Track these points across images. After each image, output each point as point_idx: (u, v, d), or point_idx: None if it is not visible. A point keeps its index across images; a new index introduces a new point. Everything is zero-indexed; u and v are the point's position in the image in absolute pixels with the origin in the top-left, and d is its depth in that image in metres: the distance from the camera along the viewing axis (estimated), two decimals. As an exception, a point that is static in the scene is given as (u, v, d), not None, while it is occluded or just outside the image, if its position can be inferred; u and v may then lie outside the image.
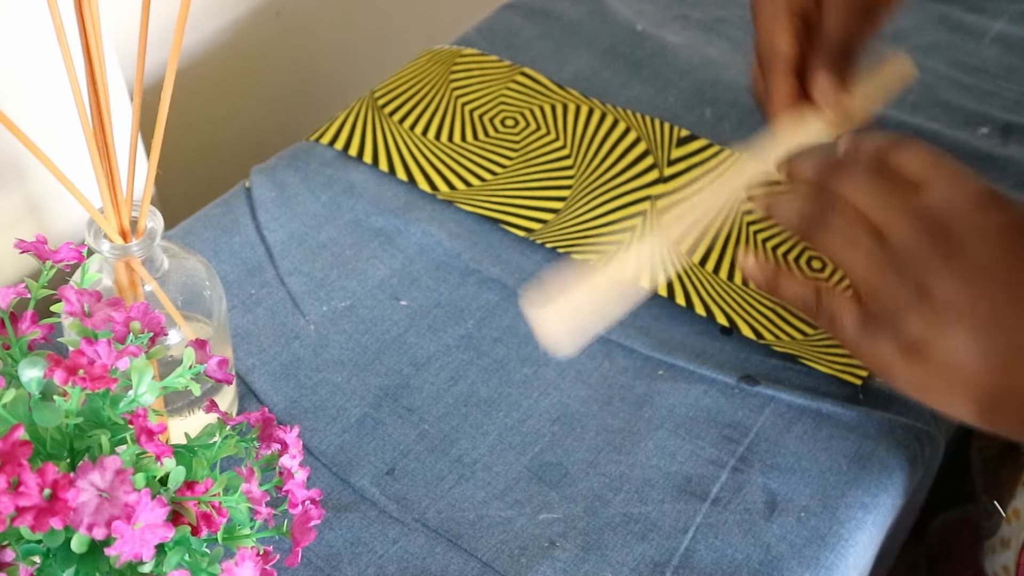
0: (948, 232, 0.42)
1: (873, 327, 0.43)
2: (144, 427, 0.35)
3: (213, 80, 0.89)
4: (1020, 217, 0.43)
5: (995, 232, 0.43)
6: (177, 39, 0.40)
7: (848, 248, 0.44)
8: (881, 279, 0.43)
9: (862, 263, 0.44)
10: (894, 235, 0.43)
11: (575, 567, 0.51)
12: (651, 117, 0.75)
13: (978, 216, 0.43)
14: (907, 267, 0.43)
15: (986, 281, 0.42)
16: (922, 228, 0.43)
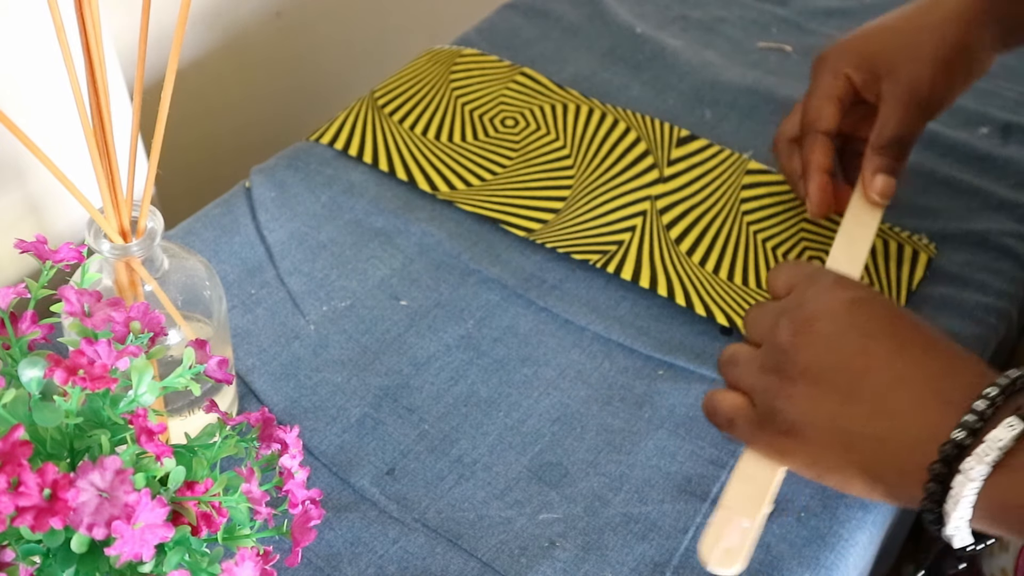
0: (799, 317, 0.46)
1: (761, 423, 0.47)
2: (144, 427, 0.35)
3: (213, 80, 0.89)
4: (865, 293, 0.47)
5: (840, 306, 0.46)
6: (177, 39, 0.40)
7: (731, 368, 0.49)
8: (756, 378, 0.47)
9: (740, 372, 0.48)
10: (763, 339, 0.48)
11: (575, 567, 0.51)
12: (651, 117, 0.75)
13: (826, 297, 0.47)
14: (772, 358, 0.46)
15: (836, 350, 0.45)
16: (778, 322, 0.47)
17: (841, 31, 0.85)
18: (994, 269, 0.66)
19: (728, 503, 0.47)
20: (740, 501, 0.47)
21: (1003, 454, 0.39)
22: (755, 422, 0.47)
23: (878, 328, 0.45)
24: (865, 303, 0.46)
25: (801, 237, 0.67)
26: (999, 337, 0.64)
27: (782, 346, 0.46)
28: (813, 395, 0.44)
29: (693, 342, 0.61)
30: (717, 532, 0.46)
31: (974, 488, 0.39)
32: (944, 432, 0.40)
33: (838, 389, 0.44)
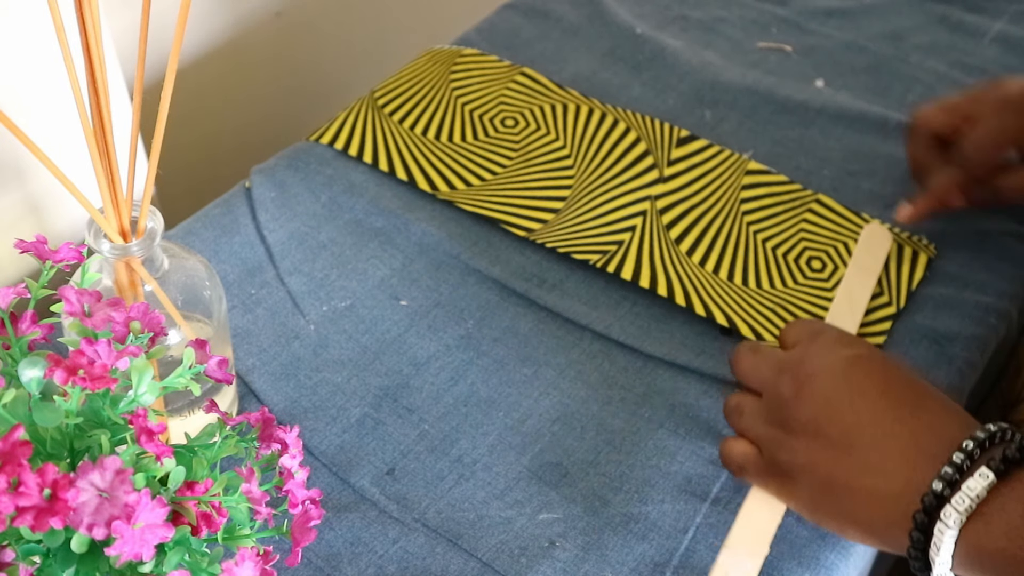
0: (799, 373, 0.50)
1: (767, 471, 0.51)
2: (144, 427, 0.35)
3: (213, 80, 0.89)
4: (862, 351, 0.50)
5: (839, 364, 0.49)
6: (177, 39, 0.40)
7: (738, 418, 0.53)
8: (760, 429, 0.51)
9: (749, 423, 0.52)
10: (764, 391, 0.52)
11: (575, 567, 0.51)
12: (651, 117, 0.75)
13: (825, 354, 0.50)
14: (774, 411, 0.50)
15: (832, 407, 0.48)
16: (780, 376, 0.51)
17: (841, 31, 0.85)
18: (994, 269, 0.66)
19: (732, 544, 0.51)
20: (744, 543, 0.51)
21: (977, 503, 0.42)
22: (763, 469, 0.51)
23: (871, 386, 0.49)
24: (862, 361, 0.50)
25: (801, 237, 0.67)
26: (999, 337, 0.64)
27: (784, 400, 0.50)
28: (811, 448, 0.48)
29: (693, 342, 0.61)
30: (723, 571, 0.50)
31: (952, 536, 0.42)
32: (926, 484, 0.44)
33: (833, 443, 0.48)
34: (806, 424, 0.48)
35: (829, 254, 0.66)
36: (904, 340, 0.62)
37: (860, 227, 0.68)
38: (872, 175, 0.73)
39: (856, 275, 0.64)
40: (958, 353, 0.62)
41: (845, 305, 0.63)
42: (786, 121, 0.76)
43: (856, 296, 0.63)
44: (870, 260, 0.65)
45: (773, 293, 0.64)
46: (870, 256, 0.65)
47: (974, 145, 0.65)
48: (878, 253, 0.66)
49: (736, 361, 0.54)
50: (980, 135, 0.65)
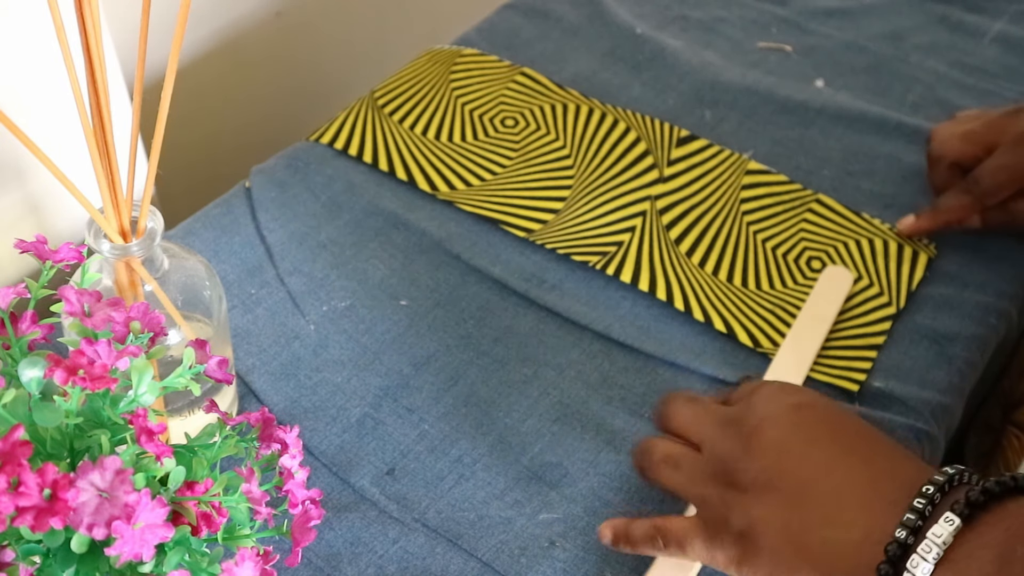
0: (745, 426, 0.47)
1: (714, 537, 0.46)
2: (144, 427, 0.35)
3: (213, 80, 0.89)
4: (807, 398, 0.48)
5: (783, 413, 0.47)
6: (177, 39, 0.40)
7: (672, 472, 0.49)
8: (704, 489, 0.47)
9: (686, 480, 0.48)
10: (705, 445, 0.48)
11: (575, 567, 0.51)
12: (651, 117, 0.75)
13: (769, 404, 0.48)
14: (720, 468, 0.47)
15: (784, 458, 0.46)
16: (726, 433, 0.48)
17: (841, 31, 0.85)
18: (994, 269, 0.66)
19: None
20: None
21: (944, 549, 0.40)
22: (707, 536, 0.47)
23: (821, 434, 0.46)
24: (807, 408, 0.47)
25: (801, 238, 0.67)
26: (999, 337, 0.64)
27: (730, 456, 0.47)
28: (763, 503, 0.45)
29: (693, 342, 0.61)
30: None
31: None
32: (888, 533, 0.41)
33: (787, 496, 0.45)
34: (756, 479, 0.45)
35: (829, 254, 0.66)
36: (904, 340, 0.62)
37: (860, 227, 0.68)
38: (872, 175, 0.73)
39: (808, 322, 0.62)
40: (958, 353, 0.62)
41: (791, 354, 0.60)
42: (786, 121, 0.76)
43: (804, 345, 0.60)
44: (825, 306, 0.62)
45: (772, 294, 0.64)
46: (826, 301, 0.63)
47: (991, 178, 0.65)
48: (835, 297, 0.63)
49: (670, 412, 0.51)
50: (997, 168, 0.65)
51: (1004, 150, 0.65)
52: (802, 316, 0.62)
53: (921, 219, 0.67)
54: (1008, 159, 0.65)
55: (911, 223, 0.67)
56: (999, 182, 0.65)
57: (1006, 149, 0.65)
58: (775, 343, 0.61)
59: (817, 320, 0.61)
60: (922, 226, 0.67)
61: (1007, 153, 0.65)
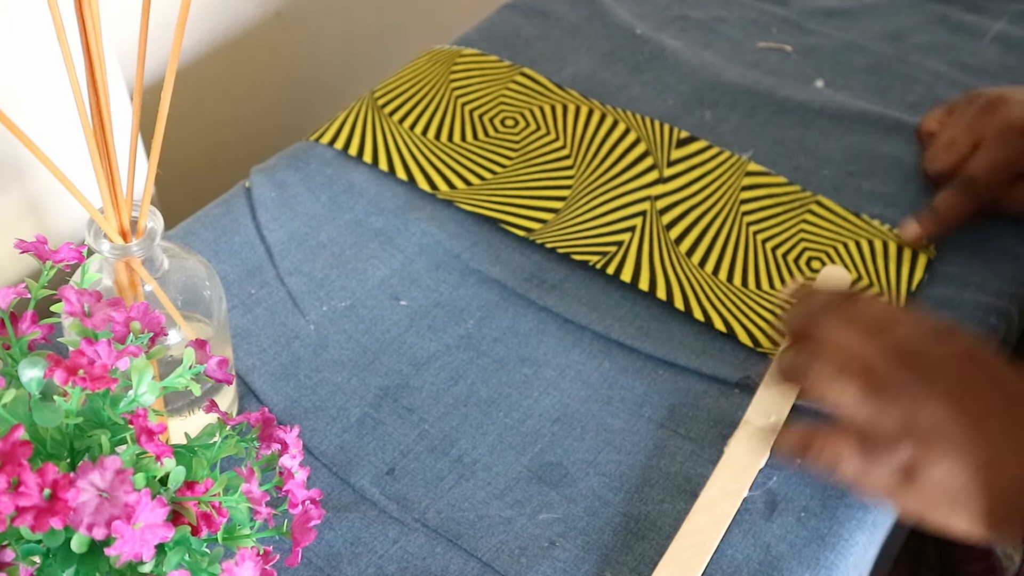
0: (919, 364, 0.48)
1: (871, 459, 0.48)
2: (144, 427, 0.35)
3: (213, 80, 0.89)
4: (972, 345, 0.49)
5: (955, 361, 0.48)
6: (177, 39, 0.40)
7: (835, 388, 0.49)
8: (870, 413, 0.48)
9: (850, 400, 0.48)
10: (875, 371, 0.48)
11: (575, 567, 0.51)
12: (651, 118, 0.75)
13: (940, 348, 0.49)
14: (891, 399, 0.48)
15: (958, 406, 0.47)
16: (897, 363, 0.48)
17: (841, 31, 0.85)
18: (994, 269, 0.66)
19: None
20: None
21: None
22: (867, 457, 0.48)
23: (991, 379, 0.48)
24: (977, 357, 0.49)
25: (801, 238, 0.67)
26: (999, 337, 0.64)
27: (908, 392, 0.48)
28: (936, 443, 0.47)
29: (693, 342, 0.61)
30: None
31: None
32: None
33: (961, 436, 0.46)
34: (931, 419, 0.47)
35: (829, 255, 0.66)
36: (904, 340, 0.62)
37: (859, 228, 0.68)
38: (872, 175, 0.73)
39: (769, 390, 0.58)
40: (958, 353, 0.62)
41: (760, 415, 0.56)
42: (786, 121, 0.76)
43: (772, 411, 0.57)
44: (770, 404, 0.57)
45: (773, 294, 0.64)
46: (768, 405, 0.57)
47: (986, 174, 0.66)
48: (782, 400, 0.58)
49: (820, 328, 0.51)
50: (987, 166, 0.66)
51: (990, 145, 0.67)
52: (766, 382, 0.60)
53: (924, 224, 0.67)
54: (998, 153, 0.66)
55: (915, 231, 0.67)
56: (997, 176, 0.66)
57: (992, 144, 0.67)
58: (775, 343, 0.61)
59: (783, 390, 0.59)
60: (927, 231, 0.67)
61: (995, 148, 0.66)
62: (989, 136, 0.67)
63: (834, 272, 0.65)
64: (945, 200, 0.67)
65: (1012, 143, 0.66)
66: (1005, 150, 0.66)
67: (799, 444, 0.50)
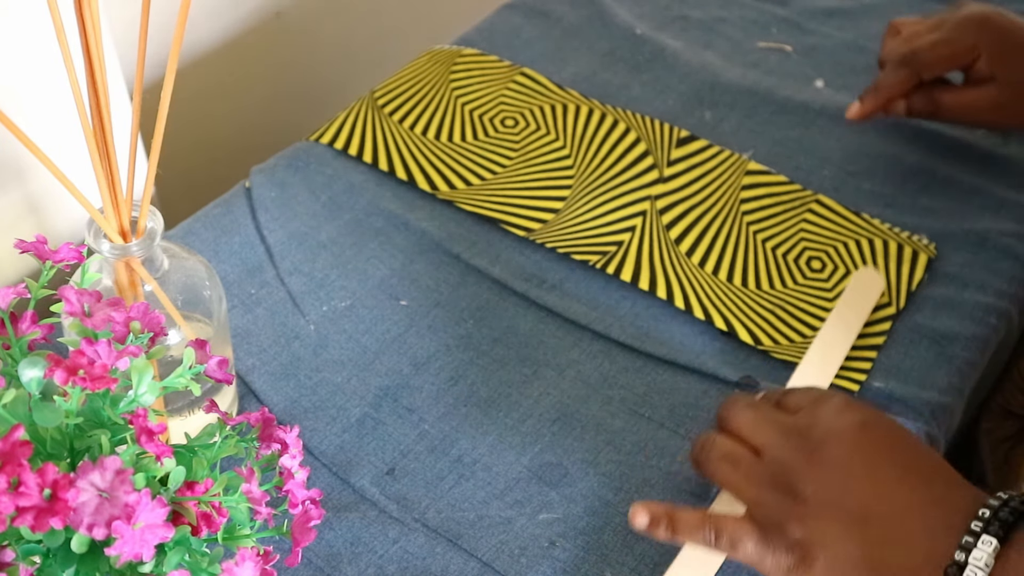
0: (810, 439, 0.48)
1: (767, 541, 0.47)
2: (144, 427, 0.35)
3: (213, 80, 0.89)
4: (871, 417, 0.49)
5: (849, 431, 0.48)
6: (177, 39, 0.40)
7: (731, 471, 0.49)
8: (762, 492, 0.48)
9: (743, 481, 0.49)
10: (766, 451, 0.49)
11: (575, 567, 0.51)
12: (651, 117, 0.75)
13: (835, 420, 0.48)
14: (781, 476, 0.47)
15: (847, 477, 0.46)
16: (788, 441, 0.48)
17: (841, 31, 0.85)
18: (994, 269, 0.66)
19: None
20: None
21: (988, 571, 0.42)
22: (760, 539, 0.47)
23: (884, 454, 0.47)
24: (872, 427, 0.48)
25: (801, 238, 0.67)
26: (999, 337, 0.64)
27: (793, 466, 0.47)
28: (823, 518, 0.46)
29: (693, 342, 0.61)
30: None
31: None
32: (948, 556, 0.43)
33: (848, 514, 0.45)
34: (816, 492, 0.46)
35: (829, 254, 0.66)
36: (904, 340, 0.62)
37: (860, 227, 0.68)
38: (872, 175, 0.73)
39: (837, 325, 0.61)
40: (958, 353, 0.62)
41: (818, 355, 0.60)
42: (786, 121, 0.76)
43: (832, 349, 0.60)
44: (853, 312, 0.62)
45: (773, 294, 0.64)
46: (854, 307, 0.62)
47: (930, 51, 0.68)
48: (864, 304, 0.63)
49: (731, 413, 0.51)
50: (937, 42, 0.68)
51: (945, 29, 0.68)
52: (831, 320, 0.62)
53: (865, 102, 0.68)
54: (948, 35, 0.68)
55: (856, 109, 0.68)
56: (938, 55, 0.68)
57: (948, 28, 0.68)
58: (775, 341, 0.61)
59: (845, 325, 0.61)
60: (867, 108, 0.68)
61: (948, 31, 0.68)
62: (947, 23, 0.69)
63: (866, 275, 0.65)
64: (885, 76, 0.68)
65: (964, 32, 0.67)
66: (955, 34, 0.67)
67: (696, 526, 0.48)
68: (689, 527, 0.48)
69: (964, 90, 0.69)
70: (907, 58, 0.68)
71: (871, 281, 0.64)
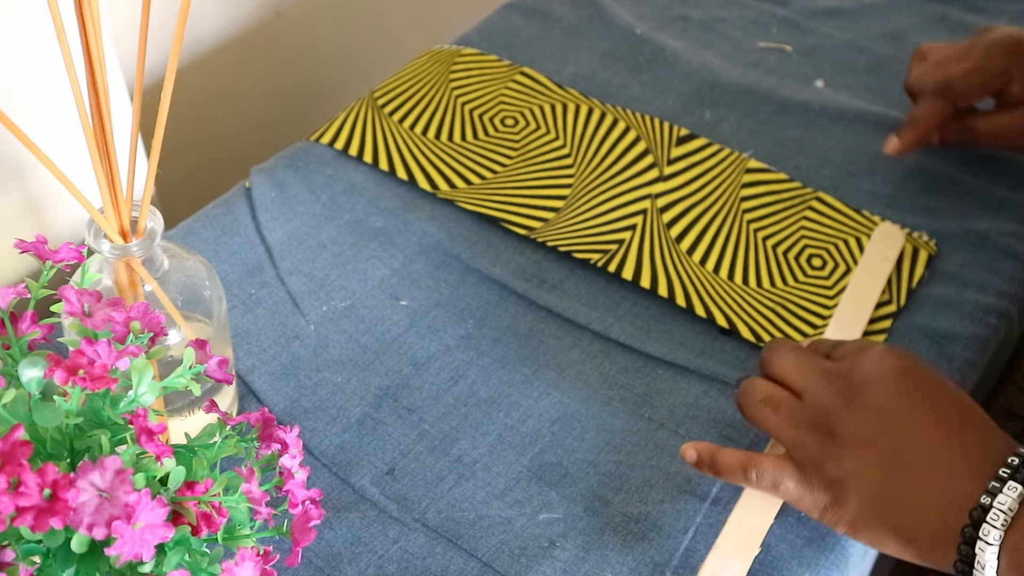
0: (850, 383, 0.49)
1: (806, 480, 0.49)
2: (144, 427, 0.35)
3: (213, 80, 0.89)
4: (910, 363, 0.50)
5: (891, 376, 0.49)
6: (177, 39, 0.40)
7: (771, 413, 0.51)
8: (801, 433, 0.50)
9: (783, 423, 0.50)
10: (807, 394, 0.50)
11: (575, 567, 0.51)
12: (651, 116, 0.75)
13: (876, 365, 0.50)
14: (820, 418, 0.49)
15: (884, 418, 0.48)
16: (829, 385, 0.50)
17: (841, 31, 0.85)
18: (994, 269, 0.66)
19: (722, 544, 0.51)
20: (734, 544, 0.51)
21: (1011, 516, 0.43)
22: (799, 478, 0.49)
23: (922, 399, 0.48)
24: (911, 374, 0.49)
25: (801, 235, 0.67)
26: (999, 337, 0.64)
27: (832, 408, 0.49)
28: (858, 458, 0.47)
29: (693, 342, 0.61)
30: (712, 571, 0.50)
31: (993, 552, 0.43)
32: (974, 499, 0.44)
33: (882, 455, 0.47)
34: (854, 433, 0.48)
35: (830, 251, 0.66)
36: (904, 340, 0.62)
37: (860, 224, 0.68)
38: (872, 175, 0.73)
39: (865, 275, 0.64)
40: (958, 353, 0.62)
41: (851, 305, 0.62)
42: (786, 121, 0.76)
43: (863, 296, 0.63)
44: (880, 261, 0.65)
45: (773, 292, 0.64)
46: (880, 257, 0.65)
47: (963, 79, 0.67)
48: (889, 254, 0.65)
49: (773, 357, 0.53)
50: (969, 71, 0.67)
51: (976, 55, 0.68)
52: (858, 271, 0.64)
53: (904, 136, 0.68)
54: (980, 63, 0.67)
55: (895, 144, 0.68)
56: (971, 84, 0.67)
57: (978, 55, 0.68)
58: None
59: (874, 273, 0.64)
60: (906, 143, 0.67)
61: (979, 58, 0.67)
62: (976, 49, 0.68)
63: (888, 230, 0.67)
64: (921, 109, 0.68)
65: (995, 57, 0.67)
66: (987, 61, 0.67)
67: (739, 467, 0.51)
68: (731, 467, 0.51)
69: (997, 115, 0.69)
70: (941, 88, 0.67)
71: (891, 236, 0.67)
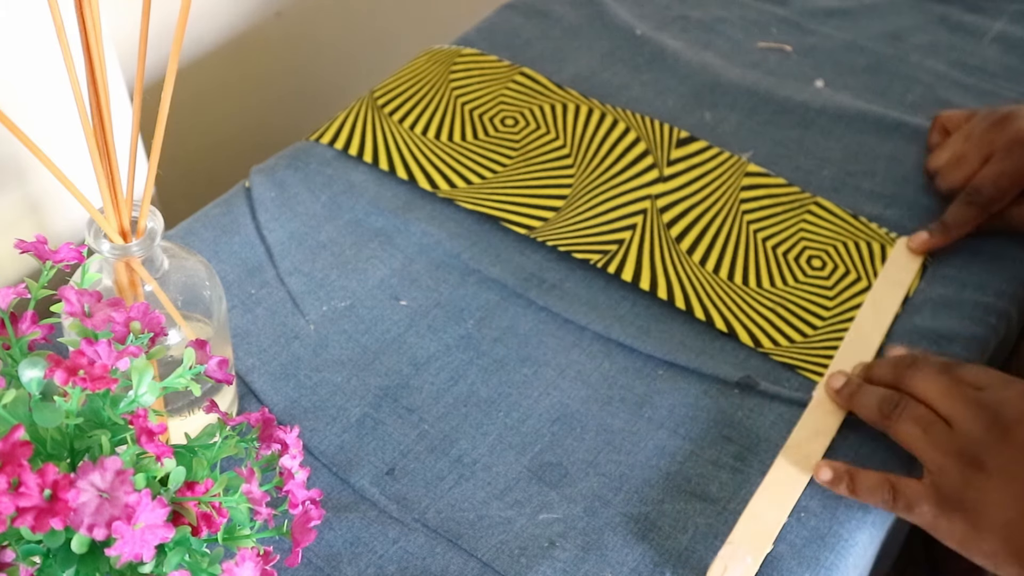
0: (1000, 419, 0.51)
1: (944, 507, 0.51)
2: (144, 427, 0.35)
3: (213, 80, 0.89)
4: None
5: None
6: (177, 39, 0.40)
7: (921, 434, 0.53)
8: (948, 461, 0.51)
9: (931, 446, 0.52)
10: (957, 423, 0.52)
11: (575, 567, 0.51)
12: (650, 118, 0.75)
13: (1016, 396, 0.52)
14: (968, 448, 0.51)
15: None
16: (979, 416, 0.52)
17: (841, 31, 0.85)
18: (994, 269, 0.66)
19: (736, 539, 0.52)
20: (747, 538, 0.52)
21: None
22: (938, 503, 0.51)
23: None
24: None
25: (801, 236, 0.67)
26: (999, 337, 0.64)
27: (983, 441, 0.51)
28: (1005, 491, 0.49)
29: (693, 342, 0.61)
30: (723, 565, 0.51)
31: None
32: None
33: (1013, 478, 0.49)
34: (1006, 468, 0.50)
35: (829, 253, 0.66)
36: (904, 340, 0.62)
37: (858, 230, 0.68)
38: (872, 175, 0.73)
39: (884, 287, 0.64)
40: (958, 353, 0.62)
41: (870, 315, 0.63)
42: (786, 121, 0.76)
43: (882, 307, 0.63)
44: (901, 273, 0.65)
45: (773, 292, 0.64)
46: (901, 269, 0.65)
47: (993, 186, 0.67)
48: (910, 266, 0.66)
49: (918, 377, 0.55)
50: (997, 175, 0.67)
51: (999, 157, 0.67)
52: (877, 284, 0.65)
53: (934, 237, 0.67)
54: (1005, 165, 0.67)
55: (924, 240, 0.67)
56: (1001, 188, 0.67)
57: (1001, 156, 0.67)
58: (775, 343, 0.61)
59: (893, 285, 0.64)
60: (936, 243, 0.67)
61: (1003, 160, 0.67)
62: (998, 149, 0.68)
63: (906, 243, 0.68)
64: (953, 214, 0.68)
65: (1020, 155, 0.67)
66: (1012, 162, 0.67)
67: (877, 487, 0.53)
68: (868, 487, 0.53)
69: None
70: (971, 197, 0.67)
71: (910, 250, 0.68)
